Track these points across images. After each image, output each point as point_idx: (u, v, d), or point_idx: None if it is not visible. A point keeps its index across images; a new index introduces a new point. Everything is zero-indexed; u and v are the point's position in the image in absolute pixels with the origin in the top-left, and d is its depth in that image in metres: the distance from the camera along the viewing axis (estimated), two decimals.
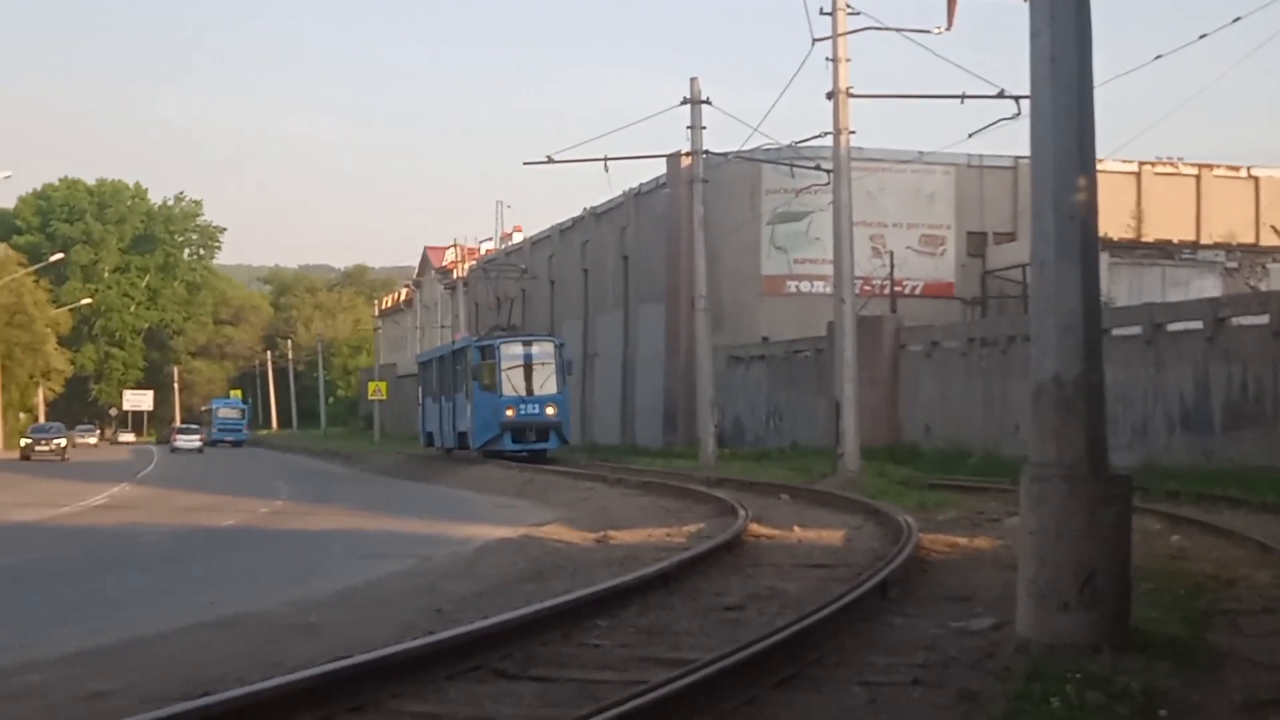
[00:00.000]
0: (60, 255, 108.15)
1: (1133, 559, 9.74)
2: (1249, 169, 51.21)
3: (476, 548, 18.04)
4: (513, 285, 65.54)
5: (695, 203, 36.31)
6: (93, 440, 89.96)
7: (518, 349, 41.50)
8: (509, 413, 40.36)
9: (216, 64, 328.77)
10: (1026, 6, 9.93)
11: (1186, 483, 23.37)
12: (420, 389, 54.78)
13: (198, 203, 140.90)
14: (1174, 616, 10.59)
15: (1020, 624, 9.55)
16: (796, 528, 18.34)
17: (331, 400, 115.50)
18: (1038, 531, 9.47)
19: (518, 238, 74.38)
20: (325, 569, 16.77)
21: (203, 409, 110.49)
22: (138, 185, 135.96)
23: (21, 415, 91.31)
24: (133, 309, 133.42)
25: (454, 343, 50.15)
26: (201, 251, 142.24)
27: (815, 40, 27.75)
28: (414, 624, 11.03)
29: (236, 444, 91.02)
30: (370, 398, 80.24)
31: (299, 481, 41.62)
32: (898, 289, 45.59)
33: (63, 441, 62.27)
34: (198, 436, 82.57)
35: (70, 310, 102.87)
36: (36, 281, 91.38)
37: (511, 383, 40.51)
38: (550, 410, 40.87)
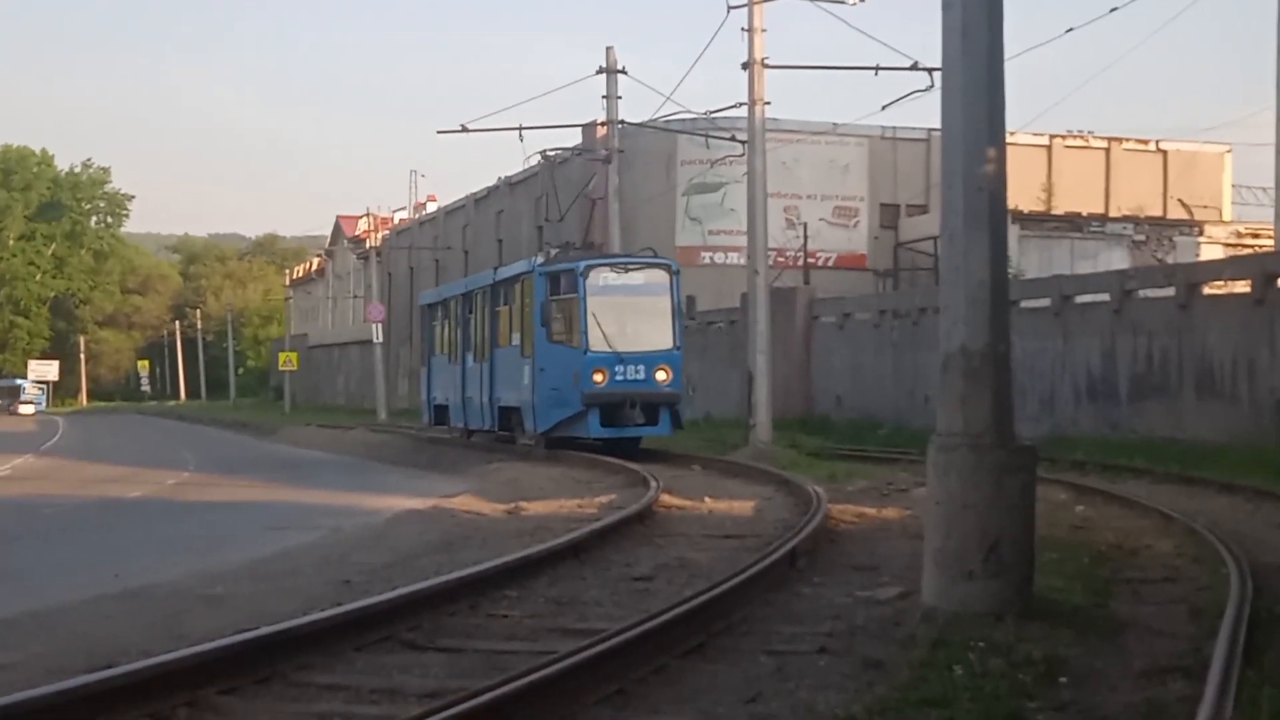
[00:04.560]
0: None
1: (1037, 528, 9.88)
2: (1157, 143, 51.86)
3: (386, 519, 17.94)
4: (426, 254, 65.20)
5: (610, 173, 36.27)
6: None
7: (614, 276, 27.01)
8: (597, 377, 26.18)
9: (127, 30, 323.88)
10: None
11: (1092, 453, 23.70)
12: (424, 342, 39.76)
13: (106, 170, 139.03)
14: (1077, 585, 10.74)
15: (926, 593, 9.67)
16: (707, 498, 18.41)
17: (241, 371, 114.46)
18: (944, 501, 9.58)
19: (431, 207, 73.91)
20: (233, 541, 16.60)
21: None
22: (44, 152, 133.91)
23: None
24: (38, 277, 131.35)
25: (493, 271, 32.53)
26: (109, 219, 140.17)
27: (731, 8, 27.77)
28: (322, 595, 10.97)
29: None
30: (281, 368, 79.72)
31: (207, 453, 41.18)
32: (811, 260, 45.80)
33: None
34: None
35: None
36: None
37: (603, 330, 26.33)
38: (662, 375, 26.46)
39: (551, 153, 36.06)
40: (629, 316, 26.63)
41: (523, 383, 28.03)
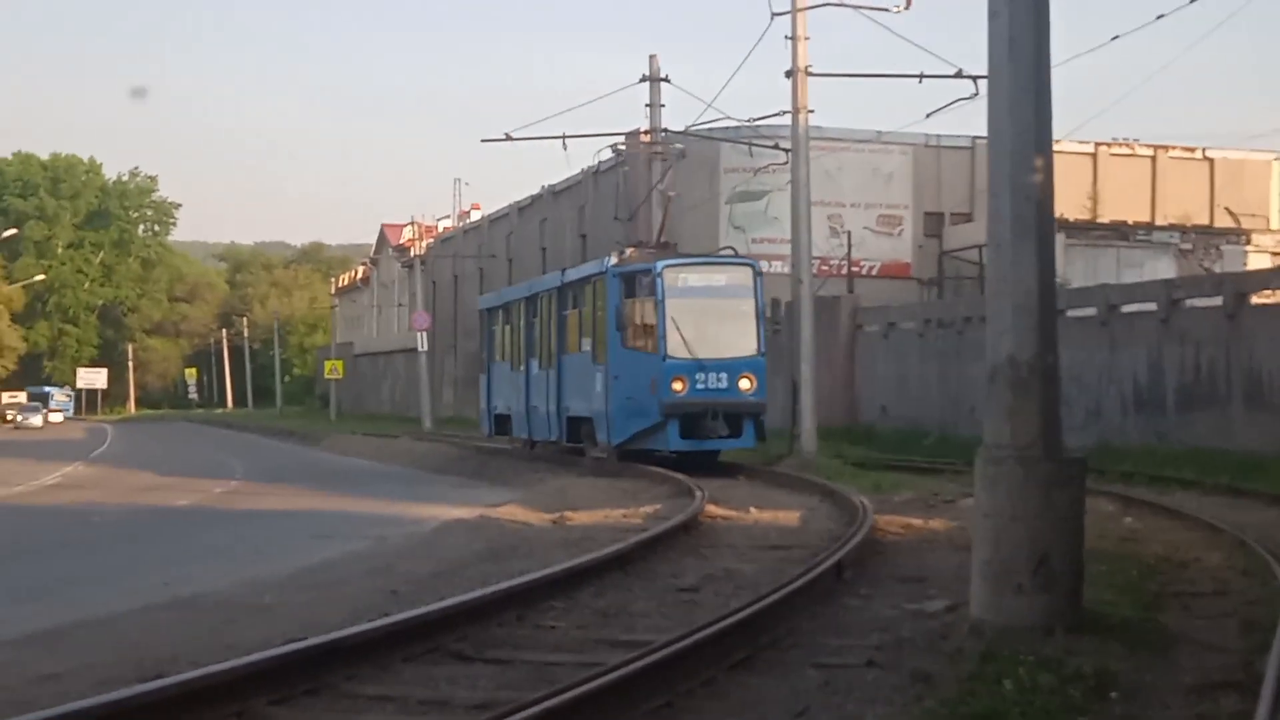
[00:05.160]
0: (13, 231, 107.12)
1: (1086, 541, 9.81)
2: (1204, 150, 51.49)
3: (433, 528, 17.99)
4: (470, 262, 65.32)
5: (653, 180, 36.26)
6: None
7: (694, 277, 25.41)
8: (677, 386, 24.56)
9: (174, 41, 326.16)
10: None
11: (1139, 464, 23.54)
12: (484, 348, 37.03)
13: (153, 178, 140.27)
14: (1126, 598, 10.66)
15: (974, 606, 9.61)
16: (753, 509, 18.37)
17: (287, 379, 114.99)
18: (992, 513, 9.53)
19: (476, 216, 74.13)
20: (280, 549, 16.69)
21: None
22: (92, 160, 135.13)
23: None
24: (87, 285, 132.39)
25: (561, 272, 30.64)
26: (156, 228, 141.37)
27: (774, 15, 27.72)
28: (369, 605, 10.99)
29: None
30: (327, 376, 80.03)
31: (254, 461, 41.37)
32: (855, 269, 45.69)
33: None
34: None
35: (23, 287, 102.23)
36: None
37: (683, 335, 24.68)
38: (745, 383, 24.88)
39: (621, 147, 35.15)
40: (710, 320, 25.05)
41: (594, 391, 26.39)
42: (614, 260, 26.22)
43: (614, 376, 25.37)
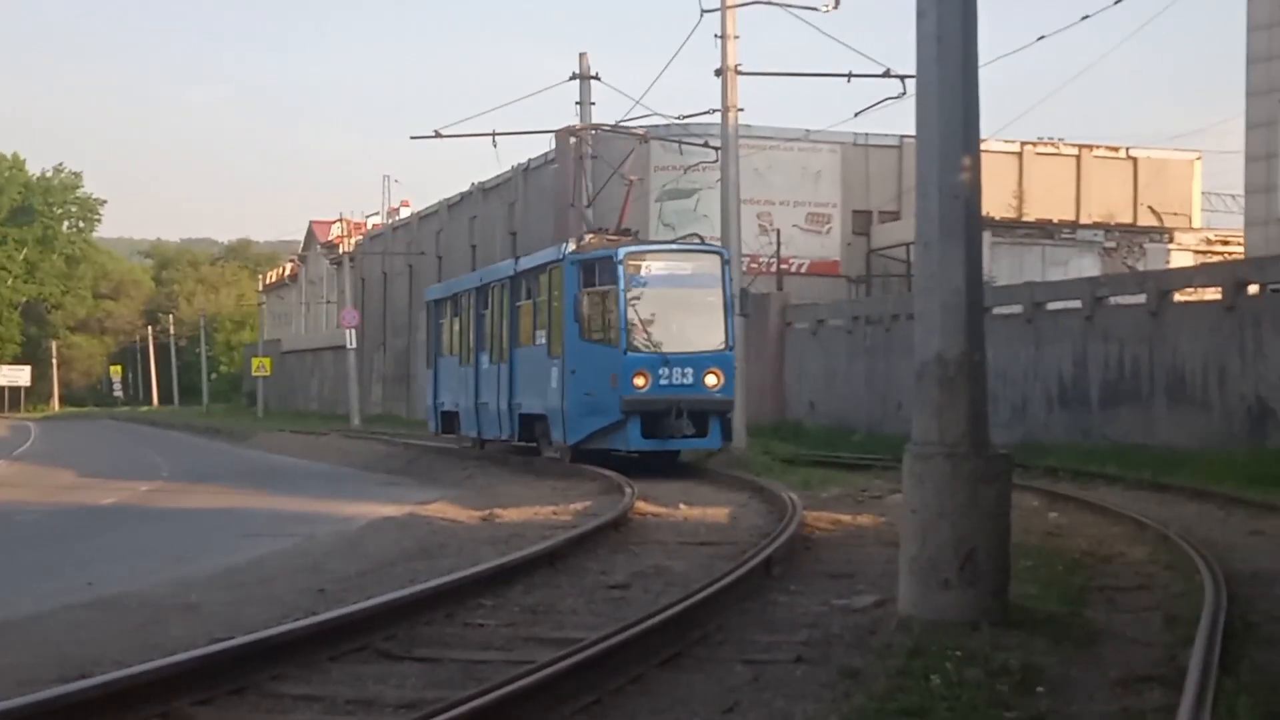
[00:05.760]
0: None
1: (1012, 536, 9.88)
2: (1128, 150, 52.04)
3: (361, 526, 17.87)
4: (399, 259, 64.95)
5: (585, 179, 36.19)
6: None
7: (658, 265, 23.71)
8: (639, 382, 22.86)
9: (98, 33, 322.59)
10: None
11: (1064, 460, 23.77)
12: (429, 342, 35.30)
13: (77, 174, 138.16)
14: (1052, 593, 10.75)
15: (902, 601, 9.65)
16: (683, 505, 18.37)
17: (214, 376, 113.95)
18: (919, 509, 9.57)
19: (405, 213, 73.75)
20: (207, 548, 16.52)
21: None
22: (15, 156, 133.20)
23: None
24: (10, 282, 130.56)
25: (514, 261, 28.56)
26: (81, 224, 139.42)
27: (704, 12, 27.79)
28: (296, 604, 10.91)
29: None
30: (254, 374, 79.31)
31: (180, 459, 40.97)
32: (784, 267, 45.81)
33: None
34: None
35: None
36: None
37: (645, 327, 23.15)
38: (712, 379, 23.16)
39: (580, 132, 33.63)
40: (675, 311, 23.46)
41: (549, 387, 24.55)
42: (572, 247, 24.58)
43: (571, 371, 23.71)
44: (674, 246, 25.51)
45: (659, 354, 22.96)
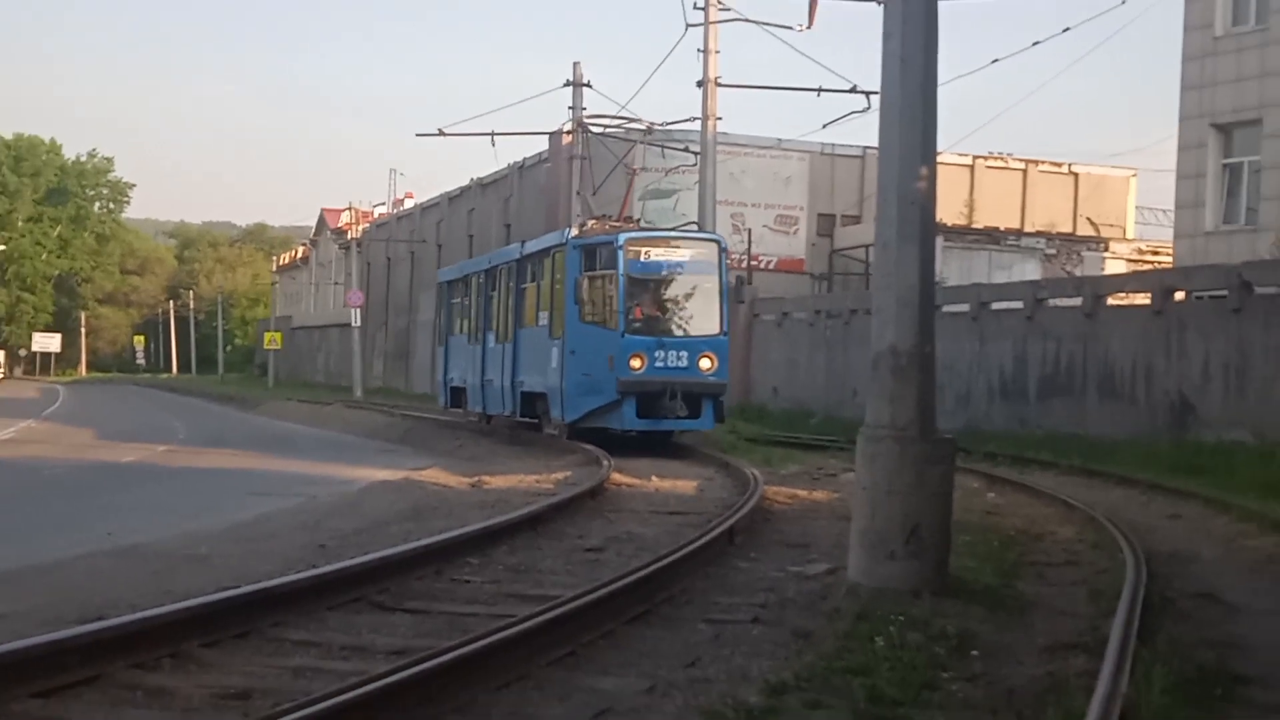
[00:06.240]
0: None
1: (953, 514, 9.89)
2: (1070, 166, 52.01)
3: (360, 488, 17.85)
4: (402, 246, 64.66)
5: (574, 177, 36.17)
6: None
7: (656, 251, 22.86)
8: (635, 364, 22.11)
9: (133, 29, 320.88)
10: (881, 10, 9.98)
11: (1003, 446, 23.79)
12: (440, 320, 34.63)
13: (109, 159, 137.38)
14: (988, 567, 10.77)
15: (851, 570, 9.67)
16: (654, 478, 18.36)
17: (229, 348, 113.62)
18: (870, 486, 9.59)
19: (409, 204, 73.50)
20: (217, 504, 16.47)
21: None
22: (53, 141, 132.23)
23: None
24: (44, 257, 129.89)
25: (520, 244, 27.55)
26: (111, 205, 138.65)
27: (689, 26, 27.81)
28: (298, 558, 10.89)
29: None
30: (266, 347, 79.16)
31: (195, 423, 40.82)
32: (754, 263, 45.74)
33: None
34: None
35: None
36: None
37: (642, 311, 22.53)
38: (706, 362, 22.43)
39: (589, 122, 32.26)
40: (672, 296, 22.77)
41: (550, 366, 23.67)
42: (574, 232, 23.80)
43: (570, 351, 22.78)
44: (673, 234, 24.61)
45: (655, 337, 22.28)
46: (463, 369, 30.95)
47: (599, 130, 34.05)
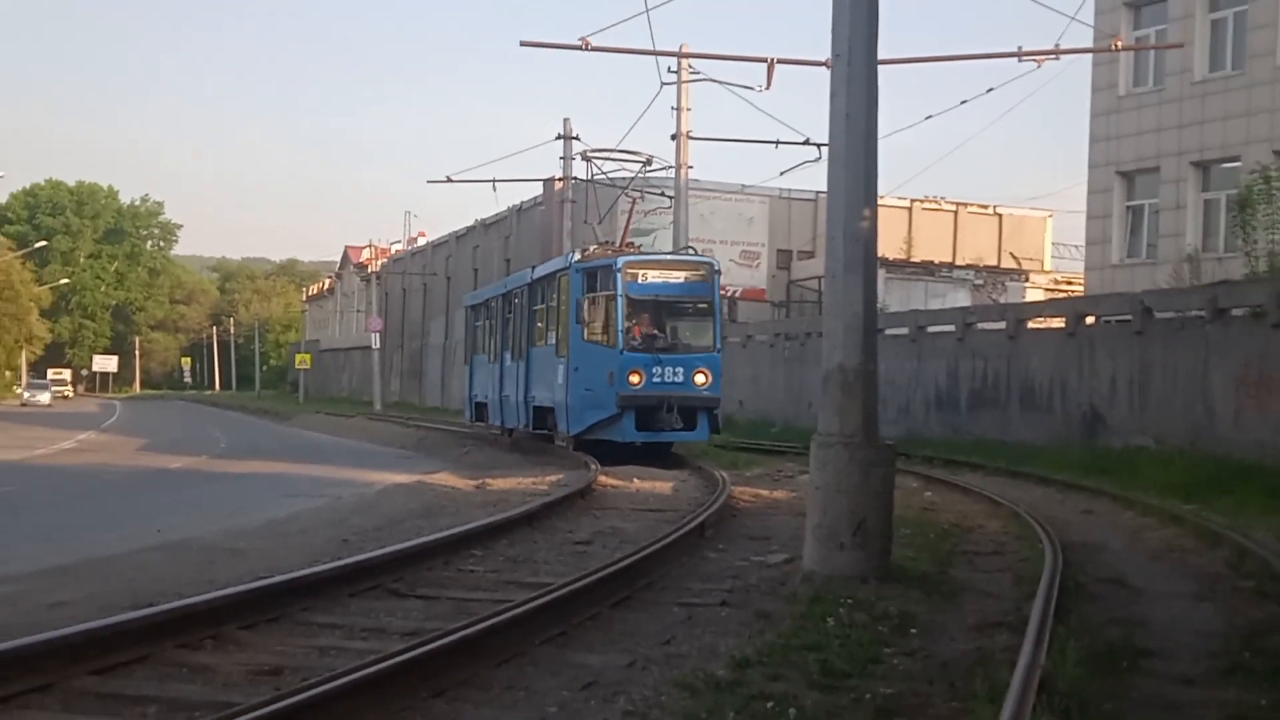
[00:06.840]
0: (44, 243, 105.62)
1: (894, 510, 9.90)
2: (995, 208, 52.19)
3: (379, 490, 17.78)
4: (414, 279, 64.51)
5: (565, 219, 36.19)
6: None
7: (653, 273, 21.68)
8: (634, 379, 20.92)
9: (180, 87, 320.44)
10: (829, 73, 10.01)
11: (938, 451, 23.82)
12: (466, 341, 33.34)
13: (160, 203, 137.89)
14: (925, 556, 10.78)
15: (806, 559, 9.66)
16: (635, 480, 18.31)
17: (265, 368, 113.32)
18: (822, 486, 9.58)
19: (421, 241, 73.42)
20: (254, 504, 16.38)
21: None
22: (110, 187, 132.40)
23: (8, 373, 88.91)
24: (103, 289, 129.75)
25: (530, 269, 26.61)
26: (162, 243, 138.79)
27: (664, 84, 27.87)
28: (325, 551, 10.85)
29: None
30: (297, 367, 78.89)
31: (235, 434, 40.65)
32: (722, 293, 45.74)
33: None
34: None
35: (51, 288, 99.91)
36: (23, 264, 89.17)
37: (640, 330, 21.29)
38: (701, 378, 21.22)
39: (593, 155, 31.98)
40: (668, 315, 21.63)
41: (557, 383, 22.55)
42: (577, 256, 22.77)
43: (574, 368, 21.66)
44: (669, 257, 23.69)
45: (653, 354, 21.09)
46: (484, 385, 29.90)
47: (601, 157, 33.71)
